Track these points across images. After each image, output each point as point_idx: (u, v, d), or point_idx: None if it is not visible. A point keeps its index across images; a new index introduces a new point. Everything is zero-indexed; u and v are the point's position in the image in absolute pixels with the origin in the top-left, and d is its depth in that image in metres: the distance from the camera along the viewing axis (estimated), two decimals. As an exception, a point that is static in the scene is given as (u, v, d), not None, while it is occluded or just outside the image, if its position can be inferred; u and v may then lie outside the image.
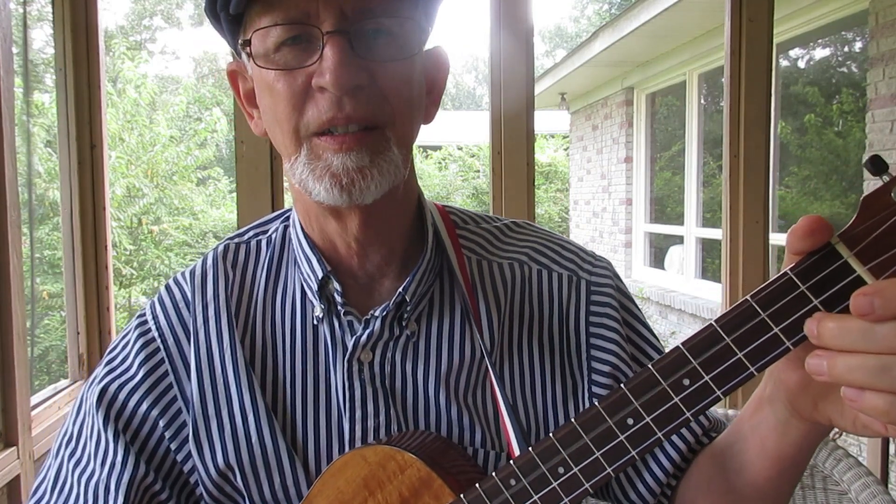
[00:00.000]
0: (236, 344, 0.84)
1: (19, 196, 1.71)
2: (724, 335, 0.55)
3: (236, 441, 0.82)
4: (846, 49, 5.45)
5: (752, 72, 2.25)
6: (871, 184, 4.07)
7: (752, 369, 0.55)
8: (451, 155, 12.44)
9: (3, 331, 1.65)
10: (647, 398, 0.57)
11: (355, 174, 0.72)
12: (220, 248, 0.91)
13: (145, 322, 0.87)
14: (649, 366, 0.58)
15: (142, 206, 8.47)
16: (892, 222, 0.51)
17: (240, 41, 0.77)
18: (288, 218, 0.92)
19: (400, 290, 0.82)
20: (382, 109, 0.73)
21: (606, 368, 0.86)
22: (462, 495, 0.68)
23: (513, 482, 0.63)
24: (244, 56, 0.78)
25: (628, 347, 0.87)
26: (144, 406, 0.83)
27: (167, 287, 0.89)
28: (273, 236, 0.91)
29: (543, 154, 12.42)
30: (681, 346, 0.56)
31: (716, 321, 0.55)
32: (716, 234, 5.88)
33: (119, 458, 0.81)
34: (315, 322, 0.84)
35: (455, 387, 0.83)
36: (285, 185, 2.27)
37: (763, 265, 2.32)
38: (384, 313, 0.82)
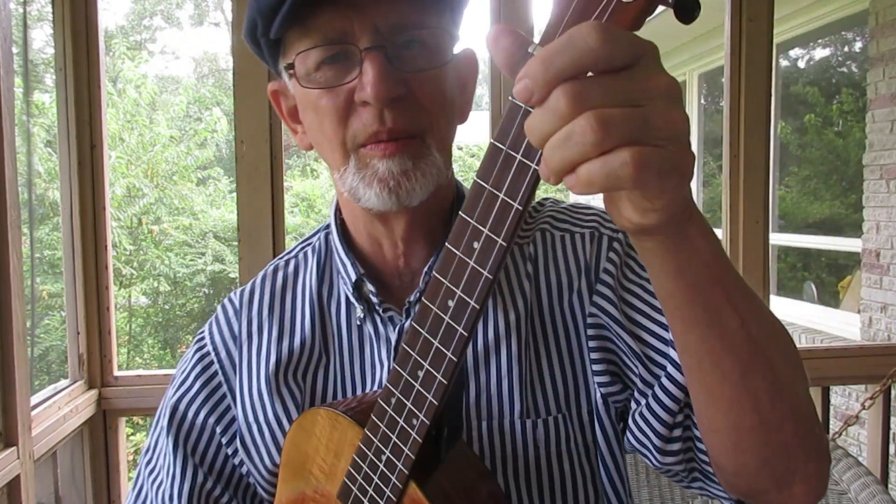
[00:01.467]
0: (270, 361, 0.88)
1: (19, 196, 1.71)
2: (483, 184, 0.55)
3: (277, 446, 0.86)
4: (846, 49, 5.45)
5: (752, 72, 2.25)
6: (870, 183, 4.07)
7: (516, 205, 0.54)
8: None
9: (3, 331, 1.66)
10: (451, 274, 0.59)
11: (401, 177, 0.76)
12: (270, 268, 0.96)
13: (203, 338, 0.94)
14: (445, 243, 0.59)
15: (142, 206, 8.46)
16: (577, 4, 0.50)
17: (283, 64, 0.81)
18: (328, 227, 0.95)
19: (424, 270, 0.85)
20: (420, 118, 0.77)
21: (595, 327, 0.84)
22: (365, 428, 0.71)
23: (392, 400, 0.67)
24: (286, 77, 0.82)
25: (623, 283, 0.84)
26: (202, 415, 0.89)
27: (222, 304, 0.96)
28: (317, 244, 0.95)
29: (543, 154, 12.41)
30: (460, 211, 0.57)
31: (476, 174, 0.56)
32: (716, 233, 5.87)
33: (178, 469, 0.87)
34: (359, 323, 0.88)
35: (497, 356, 0.84)
36: (286, 184, 2.25)
37: (763, 265, 2.31)
38: (417, 296, 0.84)
